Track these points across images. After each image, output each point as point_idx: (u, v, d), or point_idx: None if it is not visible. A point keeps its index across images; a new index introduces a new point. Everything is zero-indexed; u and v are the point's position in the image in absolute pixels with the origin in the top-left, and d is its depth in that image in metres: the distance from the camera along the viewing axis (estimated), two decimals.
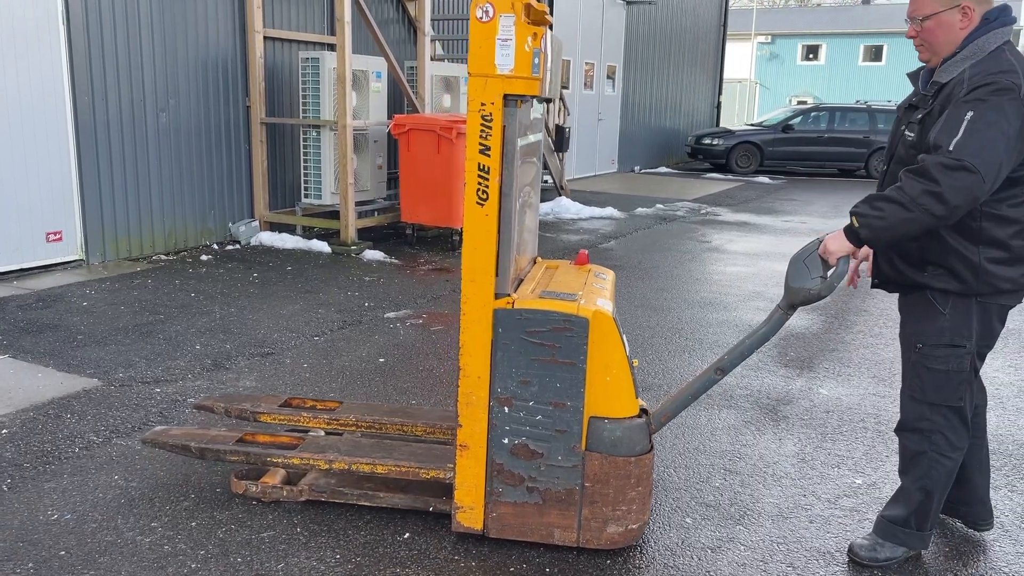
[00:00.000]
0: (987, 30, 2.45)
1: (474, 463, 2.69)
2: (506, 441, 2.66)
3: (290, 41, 8.09)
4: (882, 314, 5.96)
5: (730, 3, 21.46)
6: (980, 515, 2.90)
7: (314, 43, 8.30)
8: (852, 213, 2.47)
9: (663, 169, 17.94)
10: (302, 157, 7.91)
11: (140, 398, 3.93)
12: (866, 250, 2.62)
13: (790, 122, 17.53)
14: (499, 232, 2.57)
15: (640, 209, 11.17)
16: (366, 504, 2.93)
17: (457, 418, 2.68)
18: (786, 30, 43.54)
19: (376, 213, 8.44)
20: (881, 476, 3.37)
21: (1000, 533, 2.97)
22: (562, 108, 11.26)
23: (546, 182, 12.03)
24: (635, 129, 17.20)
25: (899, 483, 2.77)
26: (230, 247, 7.50)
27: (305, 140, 7.86)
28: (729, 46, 26.73)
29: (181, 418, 3.72)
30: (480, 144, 2.52)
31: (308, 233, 8.03)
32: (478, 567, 2.64)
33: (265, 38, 7.74)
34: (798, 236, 9.40)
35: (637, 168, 17.40)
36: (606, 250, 8.22)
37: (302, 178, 7.95)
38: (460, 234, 7.89)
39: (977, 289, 2.50)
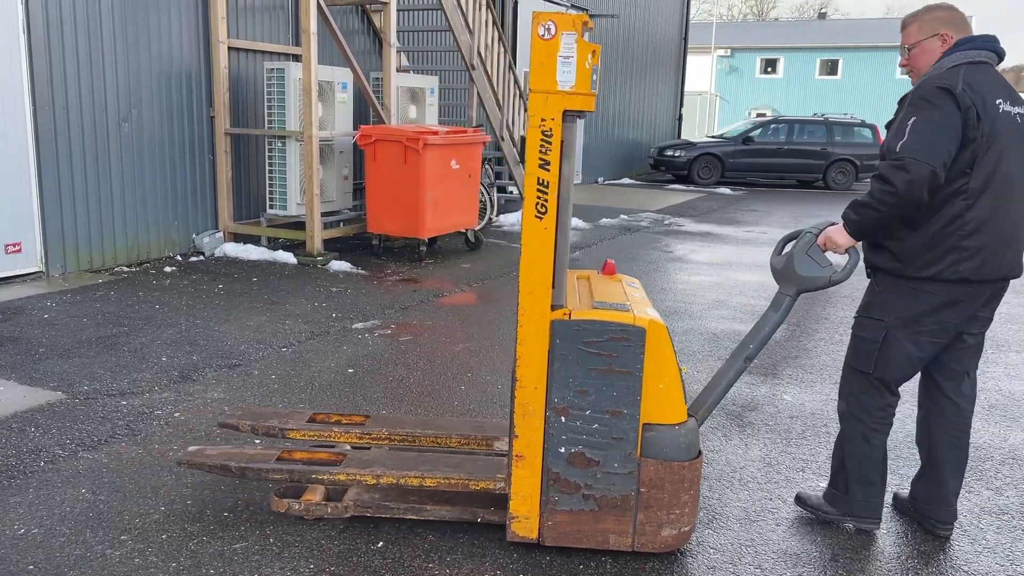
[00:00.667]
0: (953, 51, 2.77)
1: (530, 473, 2.73)
2: (563, 450, 2.71)
3: (255, 52, 8.05)
4: (842, 322, 6.10)
5: (691, 17, 21.81)
6: (942, 516, 3.00)
7: (279, 54, 8.28)
8: (842, 217, 2.81)
9: (626, 180, 18.13)
10: (267, 168, 7.87)
11: (106, 411, 3.88)
12: None
13: (750, 134, 17.85)
14: (556, 245, 2.63)
15: (604, 220, 11.28)
16: (412, 517, 2.90)
17: (513, 429, 2.70)
18: (745, 44, 44.34)
19: (342, 224, 8.41)
20: None
21: (959, 532, 3.06)
22: (526, 120, 11.33)
23: (511, 193, 12.10)
24: (599, 141, 17.37)
25: None
26: (194, 259, 7.42)
27: (270, 151, 7.82)
28: (690, 59, 27.11)
29: (149, 431, 3.68)
30: (540, 159, 2.57)
31: (273, 244, 7.98)
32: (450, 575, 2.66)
33: (230, 49, 7.70)
34: (759, 246, 9.57)
35: (601, 179, 17.56)
36: (573, 260, 8.29)
37: (267, 189, 7.90)
38: (427, 244, 7.93)
39: (905, 272, 2.77)
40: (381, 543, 2.81)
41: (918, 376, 3.01)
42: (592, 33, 16.09)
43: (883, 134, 3.48)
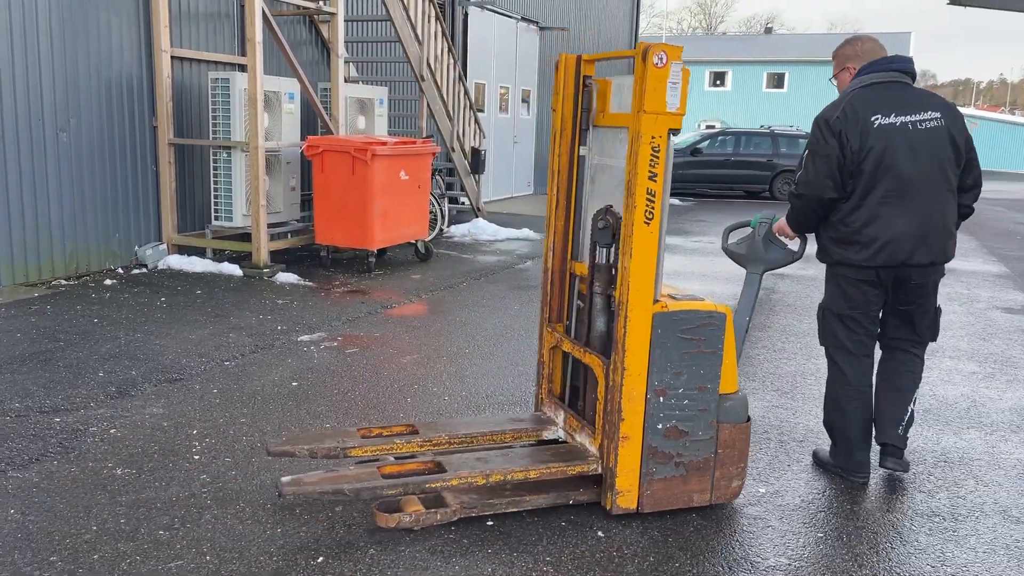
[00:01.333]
0: (855, 77, 3.45)
1: (632, 451, 3.09)
2: (660, 427, 3.09)
3: (200, 61, 7.94)
4: (783, 330, 6.22)
5: (641, 31, 22.11)
6: (891, 447, 3.53)
7: (225, 63, 8.17)
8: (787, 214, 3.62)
9: None
10: (212, 178, 7.75)
11: (38, 428, 3.77)
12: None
13: (698, 146, 18.14)
14: (659, 247, 2.98)
15: None
16: (514, 510, 3.08)
17: (620, 413, 3.04)
18: (694, 57, 45.06)
19: (290, 235, 8.32)
20: (783, 484, 3.51)
21: (893, 535, 3.14)
22: (477, 131, 11.37)
23: (463, 203, 12.10)
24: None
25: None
26: (136, 271, 7.27)
27: (215, 161, 7.71)
28: None
29: (83, 449, 3.58)
30: (649, 171, 2.91)
31: (219, 256, 7.86)
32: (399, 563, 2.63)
33: (173, 58, 7.58)
34: (707, 256, 9.71)
35: None
36: (523, 270, 8.32)
37: (213, 200, 7.78)
38: (376, 256, 7.88)
39: (827, 260, 3.53)
40: (321, 558, 2.78)
41: None
42: (543, 45, 16.26)
43: None
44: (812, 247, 3.64)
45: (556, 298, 3.60)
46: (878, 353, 3.65)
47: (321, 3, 8.25)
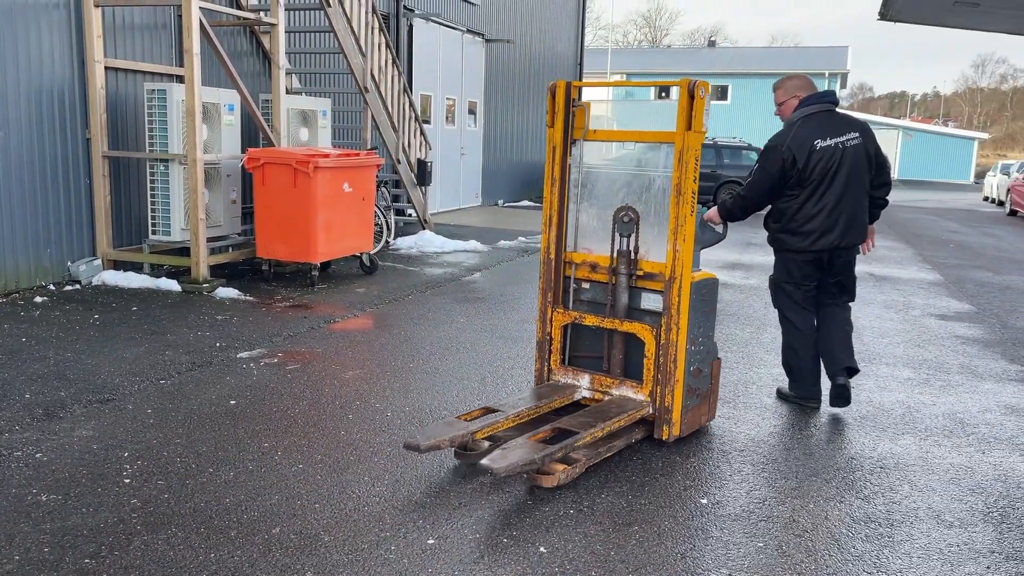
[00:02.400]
0: (800, 106, 4.52)
1: (680, 391, 3.99)
2: (692, 368, 4.03)
3: (136, 72, 7.75)
4: (727, 339, 6.29)
5: (586, 43, 22.32)
6: (835, 389, 4.55)
7: (162, 74, 7.99)
8: (717, 204, 4.54)
9: (526, 202, 18.31)
10: (150, 192, 7.56)
11: None
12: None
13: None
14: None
15: (503, 242, 11.34)
16: (609, 455, 3.81)
17: (675, 363, 3.95)
18: (640, 69, 45.70)
19: (231, 249, 8.16)
20: (725, 495, 3.53)
21: (829, 541, 3.17)
22: (423, 143, 11.32)
23: (410, 216, 12.03)
24: (498, 163, 17.50)
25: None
26: (69, 287, 7.04)
27: (152, 174, 7.52)
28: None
29: (5, 475, 3.42)
30: (694, 176, 3.85)
31: (157, 271, 7.66)
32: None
33: (108, 68, 7.39)
34: None
35: (501, 202, 17.68)
36: (470, 283, 8.28)
37: (150, 214, 7.59)
38: (320, 269, 7.77)
39: (776, 247, 4.64)
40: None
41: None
42: (489, 57, 16.29)
43: None
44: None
45: (558, 283, 4.33)
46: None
47: (261, 14, 8.13)
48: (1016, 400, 5.07)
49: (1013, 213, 21.32)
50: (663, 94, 45.21)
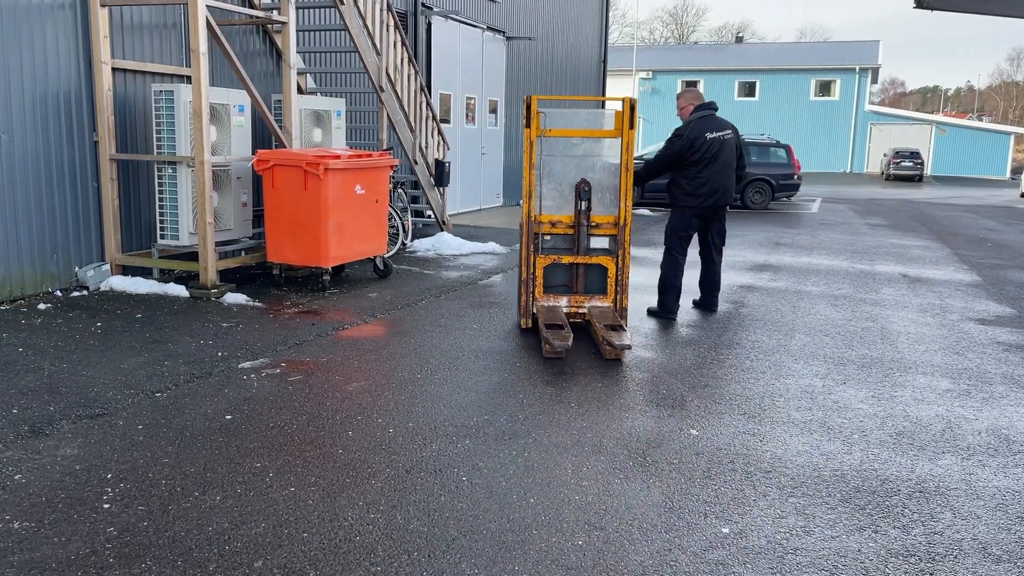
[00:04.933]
0: (694, 112, 6.68)
1: (627, 295, 6.24)
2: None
3: (144, 73, 7.60)
4: (754, 346, 5.99)
5: (610, 40, 21.98)
6: (711, 305, 7.06)
7: (171, 75, 7.83)
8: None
9: None
10: (158, 195, 7.41)
11: None
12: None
13: None
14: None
15: None
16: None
17: (627, 278, 6.21)
18: (666, 66, 45.19)
19: (243, 253, 7.99)
20: (748, 523, 3.25)
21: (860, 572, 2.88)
22: (441, 143, 11.09)
23: (428, 217, 11.81)
24: (519, 163, 17.23)
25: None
26: (76, 294, 6.90)
27: (160, 177, 7.36)
28: (612, 81, 27.35)
29: None
30: (632, 159, 6.05)
31: (167, 276, 7.51)
32: None
33: (115, 69, 7.24)
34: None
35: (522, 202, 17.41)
36: (486, 286, 8.03)
37: (158, 218, 7.43)
38: (332, 274, 7.57)
39: (674, 204, 6.72)
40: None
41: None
42: (511, 55, 16.03)
43: (796, 155, 7.29)
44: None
45: (531, 237, 6.16)
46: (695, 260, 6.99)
47: (272, 12, 7.94)
48: None
49: None
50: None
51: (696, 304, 7.16)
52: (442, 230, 11.01)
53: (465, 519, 3.20)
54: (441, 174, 10.81)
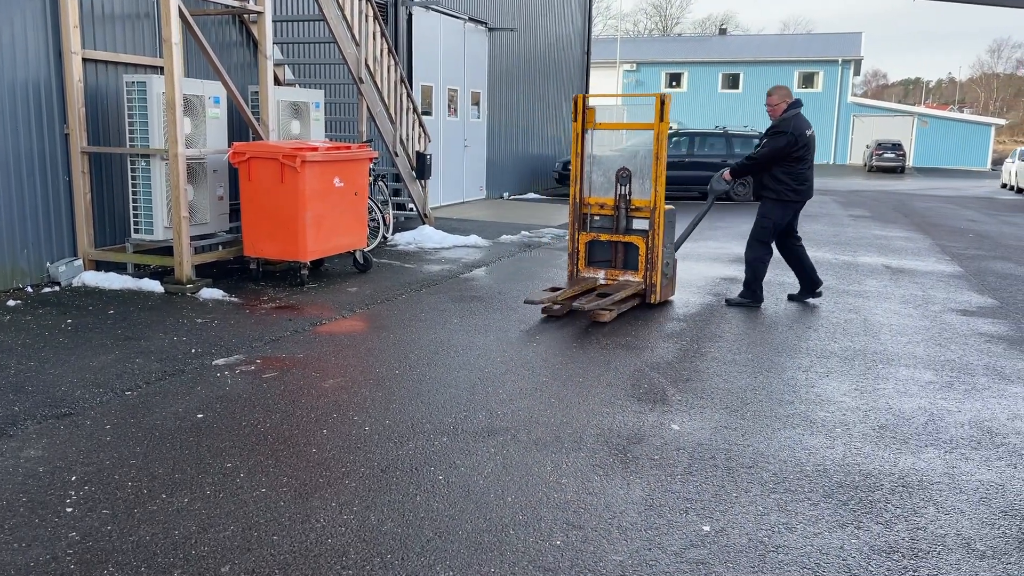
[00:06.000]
0: (788, 109, 6.81)
1: (659, 274, 6.75)
2: (664, 262, 6.80)
3: (116, 64, 7.44)
4: (736, 339, 5.93)
5: (594, 32, 21.88)
6: (816, 279, 7.25)
7: (144, 66, 7.68)
8: (732, 166, 7.09)
9: (532, 195, 17.94)
10: (131, 189, 7.26)
11: None
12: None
13: None
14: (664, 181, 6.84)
15: (505, 236, 11.00)
16: (625, 309, 6.55)
17: (658, 258, 6.74)
18: (650, 58, 45.14)
19: (220, 247, 7.85)
20: (729, 520, 3.19)
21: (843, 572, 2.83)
22: (422, 135, 10.97)
23: (410, 210, 11.70)
24: (503, 155, 17.14)
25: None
26: (47, 290, 6.75)
27: (134, 170, 7.22)
28: (596, 73, 27.25)
29: None
30: (664, 147, 6.73)
31: (141, 272, 7.37)
32: None
33: (86, 60, 7.08)
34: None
35: (506, 194, 17.33)
36: (467, 280, 7.94)
37: (132, 211, 7.29)
38: (310, 268, 7.46)
39: (776, 198, 6.85)
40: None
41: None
42: (493, 46, 15.91)
43: None
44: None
45: (579, 216, 7.02)
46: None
47: (247, 2, 7.79)
48: None
49: None
50: (674, 83, 44.69)
51: (800, 295, 7.28)
52: (424, 223, 10.90)
53: (441, 519, 3.13)
54: (422, 167, 10.70)
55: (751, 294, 6.97)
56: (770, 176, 6.77)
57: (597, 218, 6.95)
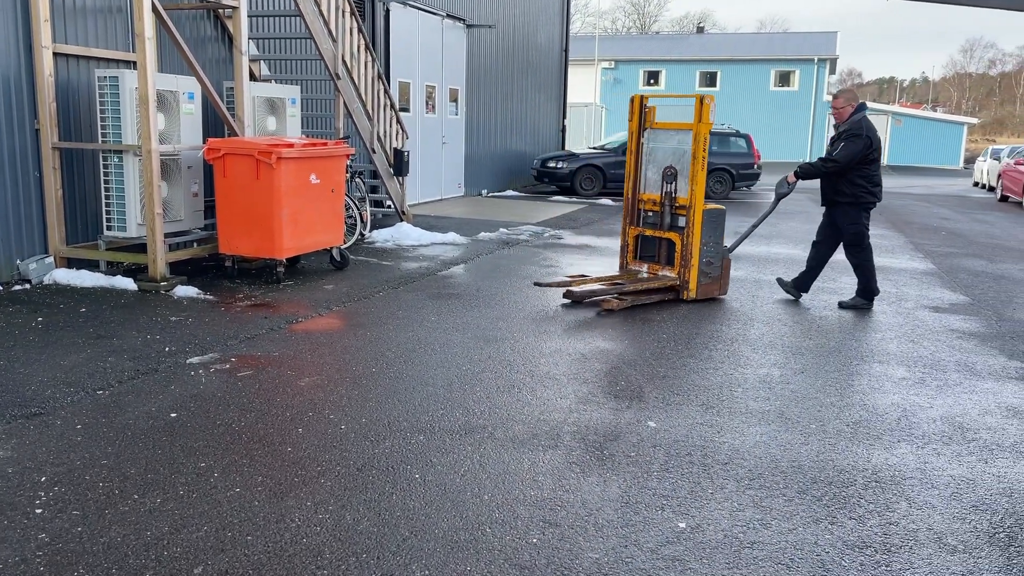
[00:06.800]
0: (855, 112, 6.82)
1: (695, 271, 6.95)
2: (704, 260, 6.96)
3: (88, 58, 7.33)
4: (712, 336, 5.97)
5: (572, 30, 21.89)
6: (806, 286, 7.42)
7: (117, 61, 7.57)
8: (797, 168, 7.05)
9: (510, 192, 17.93)
10: (104, 185, 7.16)
11: None
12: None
13: None
14: (705, 181, 6.91)
15: (484, 234, 10.98)
16: (648, 302, 6.91)
17: (692, 255, 6.91)
18: (628, 56, 45.25)
19: (195, 244, 7.77)
20: (705, 517, 3.20)
21: (821, 572, 2.85)
22: (400, 131, 10.92)
23: (388, 207, 11.64)
24: (481, 152, 17.11)
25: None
26: (17, 287, 6.65)
27: (106, 166, 7.12)
28: (574, 71, 27.25)
29: None
30: (704, 147, 6.79)
31: (114, 269, 7.27)
32: None
33: (57, 55, 6.97)
34: None
35: (484, 192, 17.30)
36: (445, 278, 7.92)
37: (104, 208, 7.19)
38: (286, 265, 7.40)
39: (855, 202, 6.87)
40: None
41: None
42: (471, 43, 15.87)
43: (756, 144, 12.34)
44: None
45: (632, 212, 7.41)
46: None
47: None
48: (1017, 400, 4.76)
49: (1004, 199, 21.06)
50: (652, 81, 44.89)
51: (795, 285, 7.37)
52: (402, 220, 10.86)
53: (417, 518, 3.11)
54: (400, 163, 10.65)
55: (868, 294, 7.07)
56: (846, 181, 6.75)
57: (650, 214, 7.24)
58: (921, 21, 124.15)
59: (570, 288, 6.84)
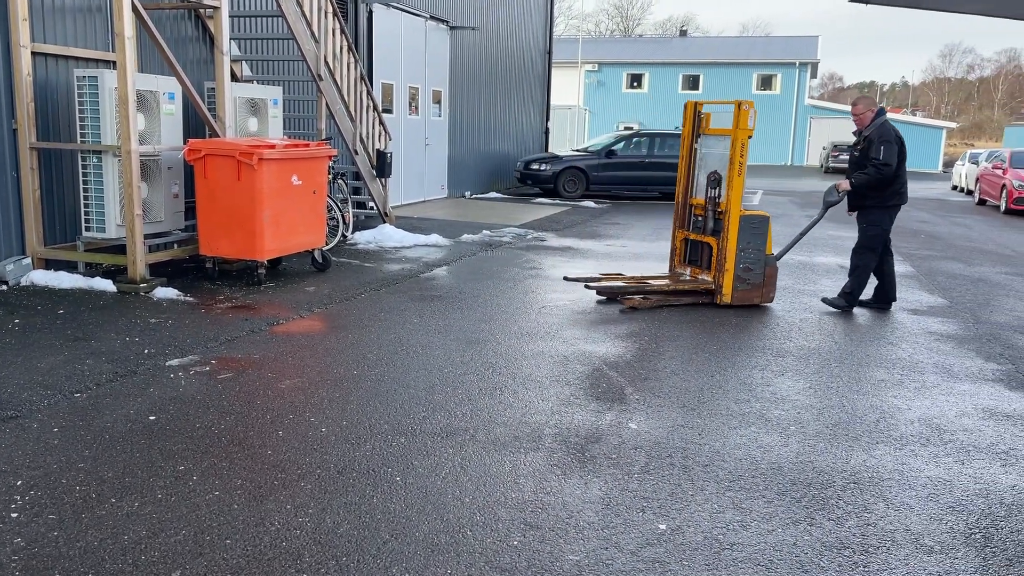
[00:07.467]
0: (876, 117, 6.90)
1: (730, 277, 6.92)
2: (741, 266, 6.91)
3: (68, 58, 7.26)
4: (693, 339, 5.99)
5: (556, 32, 21.94)
6: (892, 295, 7.28)
7: (97, 60, 7.50)
8: (849, 178, 6.95)
9: (493, 194, 17.93)
10: (83, 186, 7.09)
11: None
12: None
13: (612, 147, 18.03)
14: (743, 187, 6.87)
15: (467, 236, 10.97)
16: (677, 303, 7.03)
17: (726, 260, 6.89)
18: (612, 59, 45.40)
19: (175, 245, 7.71)
20: (685, 519, 3.22)
21: (799, 573, 2.87)
22: (383, 133, 10.90)
23: (370, 208, 11.61)
24: (464, 154, 17.10)
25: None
26: None
27: (85, 167, 7.05)
28: (558, 73, 27.33)
29: None
30: (740, 153, 6.80)
31: (93, 270, 7.20)
32: None
33: (35, 54, 6.90)
34: (618, 260, 9.49)
35: (467, 193, 17.29)
36: (428, 280, 7.91)
37: (83, 209, 7.12)
38: (268, 267, 7.36)
39: (880, 205, 6.94)
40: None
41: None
42: (454, 45, 15.86)
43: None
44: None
45: (682, 216, 7.56)
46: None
47: None
48: (994, 402, 4.82)
49: (982, 203, 21.31)
50: (635, 84, 45.02)
51: (874, 302, 7.28)
52: (384, 222, 10.83)
53: (398, 521, 3.11)
54: (383, 165, 10.63)
55: (851, 301, 7.07)
56: (877, 184, 6.80)
57: (699, 219, 7.32)
58: (900, 26, 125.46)
59: (589, 283, 7.18)
